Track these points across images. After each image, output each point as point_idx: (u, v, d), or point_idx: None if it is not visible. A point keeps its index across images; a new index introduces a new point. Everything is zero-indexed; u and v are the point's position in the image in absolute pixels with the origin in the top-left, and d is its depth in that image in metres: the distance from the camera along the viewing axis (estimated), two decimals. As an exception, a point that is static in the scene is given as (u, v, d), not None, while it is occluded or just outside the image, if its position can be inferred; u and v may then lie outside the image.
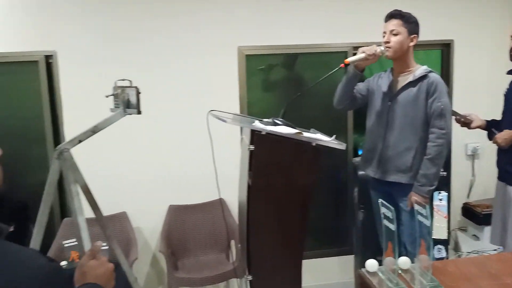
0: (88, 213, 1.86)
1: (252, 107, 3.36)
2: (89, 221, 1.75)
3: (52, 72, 3.05)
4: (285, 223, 1.94)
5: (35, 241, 1.55)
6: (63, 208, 3.18)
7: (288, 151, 1.90)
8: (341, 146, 1.87)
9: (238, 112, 3.26)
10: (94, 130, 1.71)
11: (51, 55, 3.03)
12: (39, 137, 3.07)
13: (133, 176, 3.20)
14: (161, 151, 3.24)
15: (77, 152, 1.72)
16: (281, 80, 3.58)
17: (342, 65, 2.36)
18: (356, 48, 3.13)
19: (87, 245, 1.49)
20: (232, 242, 3.24)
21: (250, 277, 1.92)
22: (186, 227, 3.27)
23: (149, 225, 3.27)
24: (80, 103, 3.06)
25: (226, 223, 2.96)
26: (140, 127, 3.02)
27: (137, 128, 3.03)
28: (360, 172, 2.91)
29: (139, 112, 1.87)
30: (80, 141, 1.66)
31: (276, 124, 2.00)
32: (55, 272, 0.84)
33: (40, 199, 1.61)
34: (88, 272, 1.05)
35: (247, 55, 3.29)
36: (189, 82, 3.23)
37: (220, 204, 3.25)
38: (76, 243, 2.69)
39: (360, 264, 3.09)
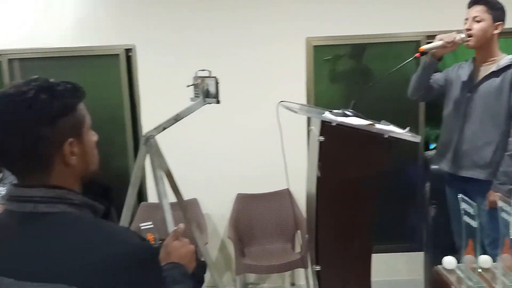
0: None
1: (318, 99, 3.34)
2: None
3: (131, 64, 3.26)
4: (354, 216, 1.93)
5: (124, 222, 1.67)
6: (140, 193, 3.39)
7: (358, 142, 1.88)
8: (415, 138, 1.82)
9: (304, 103, 3.27)
10: (176, 118, 1.79)
11: (131, 49, 3.24)
12: (119, 125, 3.29)
13: (204, 164, 3.32)
14: (231, 140, 3.33)
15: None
16: (348, 71, 3.53)
17: (417, 54, 2.27)
18: (430, 37, 2.99)
19: (170, 227, 1.59)
20: (298, 232, 3.28)
21: (318, 268, 1.93)
22: (253, 215, 3.35)
23: (218, 212, 3.39)
24: (156, 93, 3.24)
25: (297, 214, 2.99)
26: (212, 117, 3.13)
27: (208, 118, 3.14)
28: (433, 167, 2.79)
29: (218, 102, 1.92)
30: (164, 128, 1.76)
31: (346, 116, 1.99)
32: (148, 250, 0.88)
33: (120, 183, 1.74)
34: (172, 252, 1.11)
35: (315, 46, 3.28)
36: (258, 73, 3.28)
37: (286, 194, 3.30)
38: (152, 226, 2.88)
39: (431, 261, 2.99)
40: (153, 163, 1.65)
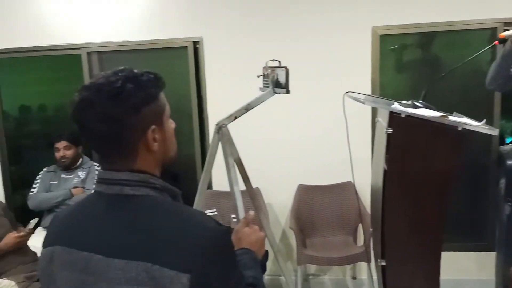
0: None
1: (384, 90, 3.25)
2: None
3: (198, 56, 3.36)
4: (422, 211, 1.87)
5: (197, 207, 1.74)
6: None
7: (429, 135, 1.81)
8: (493, 131, 1.73)
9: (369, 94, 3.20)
10: (247, 108, 1.83)
11: (198, 41, 3.33)
12: (186, 114, 3.42)
13: (267, 153, 3.36)
14: (294, 131, 3.35)
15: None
16: (416, 62, 3.39)
17: (496, 42, 2.14)
18: (508, 24, 2.80)
19: (241, 214, 1.64)
20: (360, 226, 3.23)
21: (383, 262, 1.90)
22: (314, 207, 3.35)
23: (279, 202, 3.42)
24: (221, 83, 3.33)
25: (360, 207, 2.95)
26: (276, 107, 3.16)
27: (272, 108, 3.17)
28: (510, 162, 2.63)
29: (287, 91, 1.93)
30: (236, 118, 1.80)
31: (416, 107, 1.92)
32: (224, 235, 0.91)
33: (186, 170, 1.80)
34: (243, 238, 1.13)
35: (381, 36, 3.18)
36: (323, 64, 3.25)
37: (349, 186, 3.26)
38: (216, 213, 2.97)
39: (503, 262, 2.83)
40: (224, 151, 1.70)
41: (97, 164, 3.35)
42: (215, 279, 0.86)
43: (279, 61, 1.96)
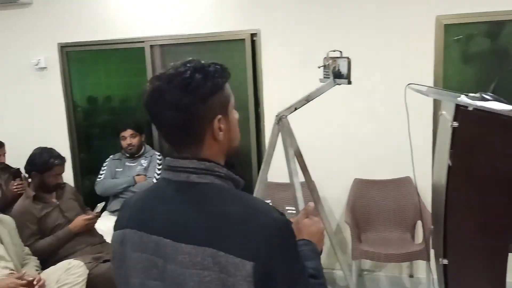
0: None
1: (447, 82, 3.11)
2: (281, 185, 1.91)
3: (255, 48, 3.38)
4: (489, 210, 1.78)
5: (257, 196, 1.76)
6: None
7: (498, 129, 1.71)
8: None
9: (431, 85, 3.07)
10: (307, 99, 1.82)
11: (255, 33, 3.36)
12: (242, 105, 3.46)
13: (323, 145, 3.31)
14: (351, 123, 3.29)
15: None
16: (483, 52, 3.21)
17: None
18: None
19: (301, 204, 1.65)
20: (419, 223, 3.13)
21: (445, 261, 1.83)
22: (370, 201, 3.28)
23: (333, 195, 3.38)
24: (277, 74, 3.34)
25: (420, 203, 2.85)
26: (334, 98, 3.12)
27: (330, 99, 3.14)
28: None
29: (349, 82, 1.90)
30: (296, 109, 1.80)
31: (484, 99, 1.82)
32: (287, 225, 0.92)
33: (242, 161, 1.82)
34: (303, 230, 1.13)
35: (446, 25, 3.04)
36: (383, 54, 3.17)
37: (407, 182, 3.17)
38: (270, 203, 3.00)
39: None
40: (284, 142, 1.71)
41: (158, 153, 3.49)
42: (278, 268, 0.87)
43: (340, 52, 1.93)
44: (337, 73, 1.87)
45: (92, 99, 4.07)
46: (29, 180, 2.93)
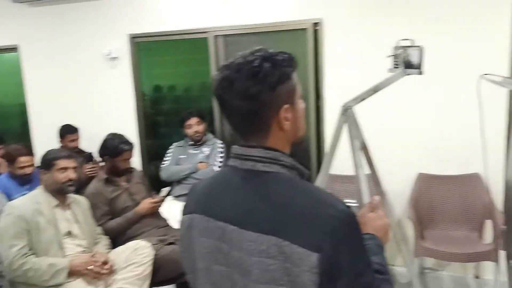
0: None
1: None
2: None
3: (318, 38, 3.33)
4: None
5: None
6: (320, 163, 3.50)
7: None
8: None
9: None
10: (375, 89, 1.77)
11: (318, 23, 3.30)
12: (303, 97, 3.42)
13: (387, 138, 3.20)
14: (417, 115, 3.16)
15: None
16: None
17: None
18: None
19: (365, 198, 1.61)
20: (487, 222, 2.96)
21: (517, 263, 1.73)
22: (435, 198, 3.14)
23: (395, 189, 3.26)
24: (340, 64, 3.26)
25: (485, 201, 2.70)
26: (400, 88, 3.02)
27: (396, 90, 3.04)
28: None
29: (420, 73, 1.81)
30: (362, 99, 1.76)
31: None
32: (354, 217, 0.91)
33: (302, 151, 1.78)
34: (368, 223, 1.12)
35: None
36: (454, 42, 2.99)
37: (476, 178, 3.01)
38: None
39: None
40: (350, 134, 1.67)
41: (220, 141, 3.57)
42: (344, 261, 0.86)
43: (412, 40, 1.84)
44: (407, 62, 1.79)
45: (158, 88, 4.23)
46: (101, 164, 3.12)
